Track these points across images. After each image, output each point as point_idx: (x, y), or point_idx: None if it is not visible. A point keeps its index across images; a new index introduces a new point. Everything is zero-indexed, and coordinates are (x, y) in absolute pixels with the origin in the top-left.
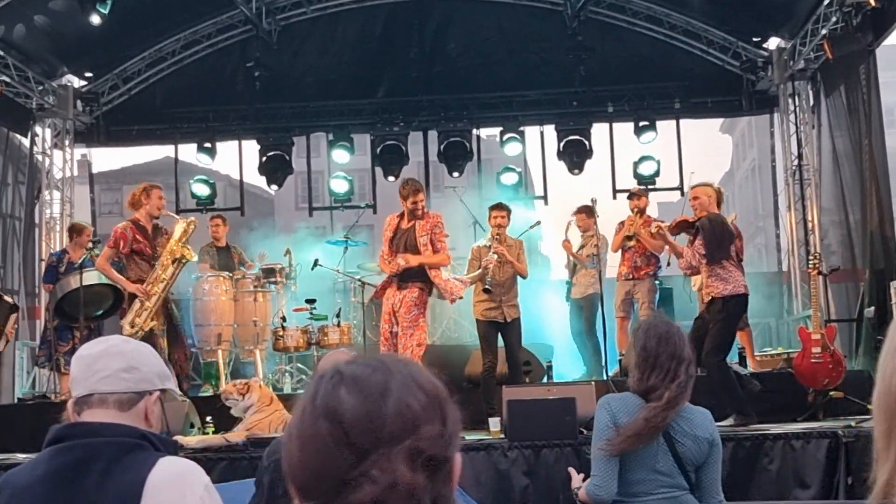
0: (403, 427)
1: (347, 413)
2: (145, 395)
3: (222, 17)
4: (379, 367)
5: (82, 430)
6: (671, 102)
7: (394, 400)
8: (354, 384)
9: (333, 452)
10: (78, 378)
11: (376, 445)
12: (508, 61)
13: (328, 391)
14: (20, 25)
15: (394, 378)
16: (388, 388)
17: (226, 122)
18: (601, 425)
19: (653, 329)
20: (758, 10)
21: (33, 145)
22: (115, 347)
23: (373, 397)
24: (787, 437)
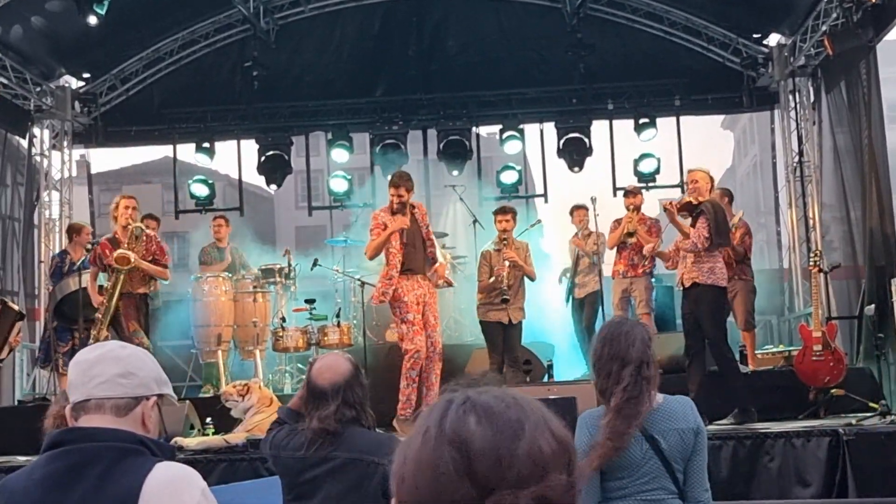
0: (533, 471)
1: (476, 444)
2: (142, 401)
3: (220, 16)
4: (513, 404)
5: (79, 435)
6: (671, 99)
7: (527, 441)
8: (487, 416)
9: (454, 482)
10: (75, 383)
11: (501, 485)
12: (507, 59)
13: (458, 417)
14: (17, 27)
15: (528, 418)
16: (521, 428)
17: (224, 121)
18: (579, 444)
19: (603, 330)
20: (758, 7)
21: (31, 147)
22: (112, 353)
23: (505, 434)
24: (787, 435)
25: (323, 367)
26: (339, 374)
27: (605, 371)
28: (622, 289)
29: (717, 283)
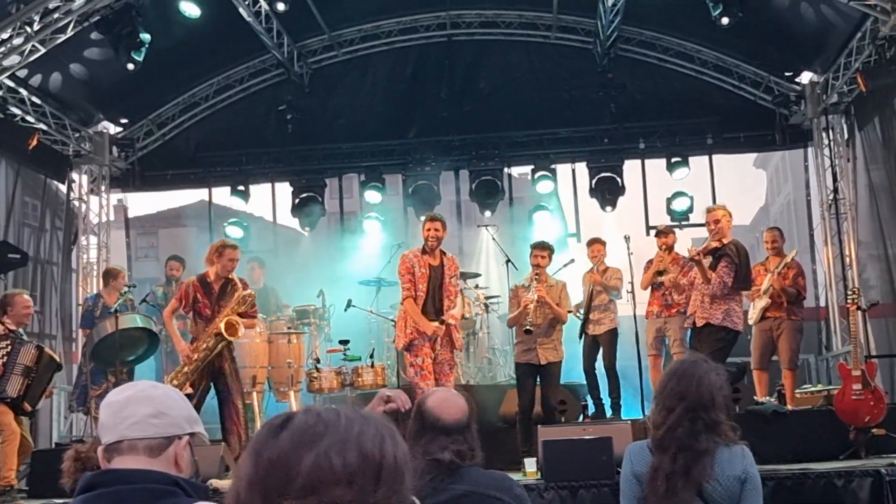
0: (314, 483)
1: (268, 455)
2: (174, 440)
3: (254, 61)
4: (329, 419)
5: (113, 478)
6: (703, 138)
7: (317, 454)
8: (292, 429)
9: (246, 493)
10: (107, 425)
11: (282, 495)
12: (539, 99)
13: (269, 435)
14: (57, 74)
15: (333, 432)
16: (318, 440)
17: (259, 164)
18: (623, 477)
19: (676, 366)
20: (790, 45)
21: (70, 191)
22: (143, 392)
23: (300, 446)
24: (828, 475)
25: (446, 403)
26: (461, 410)
27: (664, 406)
28: (656, 328)
29: (728, 325)
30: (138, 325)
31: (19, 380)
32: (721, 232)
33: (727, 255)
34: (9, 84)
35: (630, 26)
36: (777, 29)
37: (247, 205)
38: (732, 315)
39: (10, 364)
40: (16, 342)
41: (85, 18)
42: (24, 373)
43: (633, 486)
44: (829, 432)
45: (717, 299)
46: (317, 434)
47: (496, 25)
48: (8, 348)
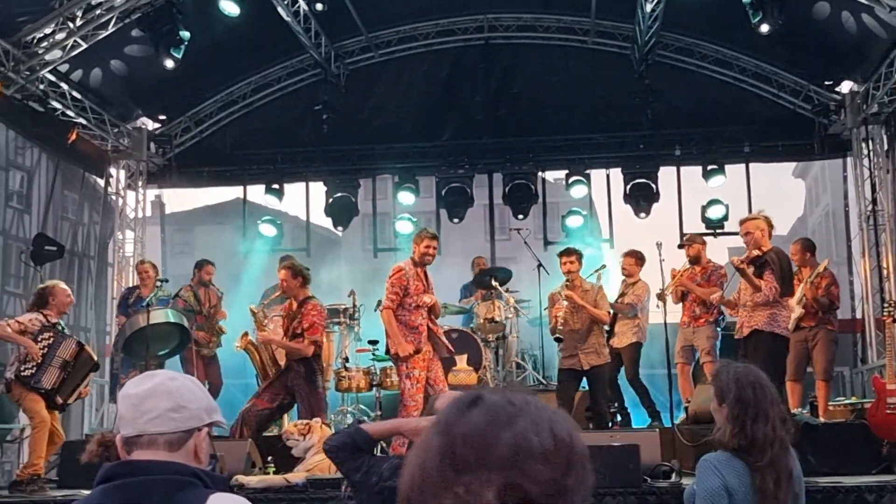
0: (512, 457)
1: (462, 429)
2: (194, 433)
3: (292, 61)
4: (519, 402)
5: (133, 469)
6: (740, 146)
7: (516, 430)
8: (486, 407)
9: (435, 465)
10: (126, 418)
11: (477, 467)
12: (574, 104)
13: (459, 411)
14: (97, 70)
15: (527, 413)
16: (515, 418)
17: (294, 164)
18: (711, 490)
19: (743, 378)
20: (830, 54)
21: (108, 186)
22: (163, 386)
23: (496, 422)
24: (860, 489)
25: None
26: None
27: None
28: (685, 337)
29: (776, 331)
30: (170, 321)
31: (56, 372)
32: (755, 242)
33: (768, 263)
34: (50, 78)
35: (669, 32)
36: (817, 37)
37: (281, 203)
38: (779, 320)
39: (49, 356)
40: (58, 335)
41: (126, 15)
42: (61, 366)
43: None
44: (862, 446)
45: (761, 306)
46: (511, 414)
47: (534, 29)
48: (49, 340)
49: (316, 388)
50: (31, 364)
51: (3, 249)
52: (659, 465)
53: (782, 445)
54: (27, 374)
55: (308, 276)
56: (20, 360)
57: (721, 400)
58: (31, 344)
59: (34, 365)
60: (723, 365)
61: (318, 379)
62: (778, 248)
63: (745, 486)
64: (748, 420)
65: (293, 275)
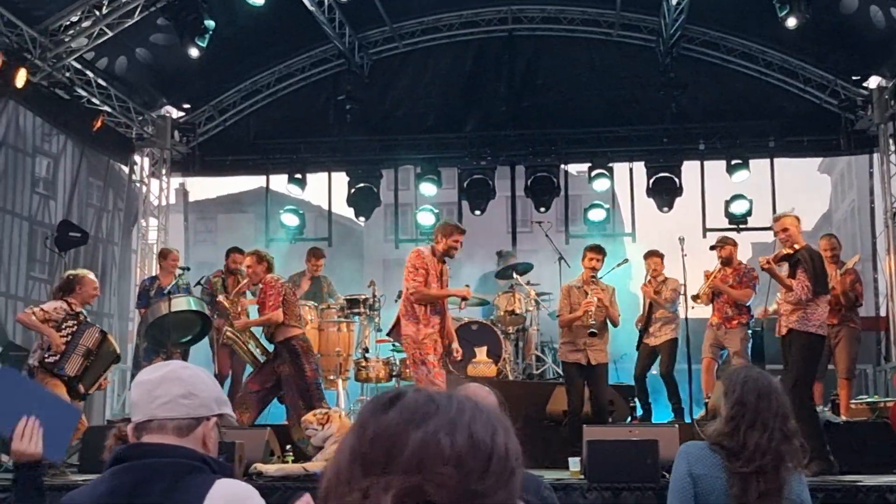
0: (418, 459)
1: (373, 430)
2: (203, 421)
3: (315, 51)
4: (440, 400)
5: (142, 452)
6: (765, 140)
7: (426, 432)
8: (402, 406)
9: (346, 465)
10: (138, 403)
11: (383, 470)
12: (598, 97)
13: (376, 410)
14: (123, 58)
15: (445, 414)
16: (428, 419)
17: (316, 153)
18: (677, 476)
19: (752, 382)
20: (858, 48)
21: (132, 173)
22: (175, 373)
23: (409, 423)
24: (881, 489)
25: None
26: None
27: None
28: (715, 336)
29: (811, 329)
30: (192, 308)
31: (79, 360)
32: (791, 239)
33: (801, 262)
34: (76, 66)
35: (694, 25)
36: (845, 32)
37: (303, 193)
38: (812, 319)
39: (72, 344)
40: (81, 323)
41: (151, 3)
42: (84, 354)
43: (687, 487)
44: (884, 445)
45: (794, 306)
46: (427, 413)
47: (558, 21)
48: (73, 328)
49: (303, 371)
50: (55, 351)
51: (28, 235)
52: None
53: (777, 459)
54: (51, 362)
55: (272, 263)
56: (43, 347)
57: (724, 398)
58: (54, 334)
59: (58, 352)
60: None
61: (304, 362)
62: (810, 247)
63: (713, 475)
64: (743, 425)
65: (258, 260)
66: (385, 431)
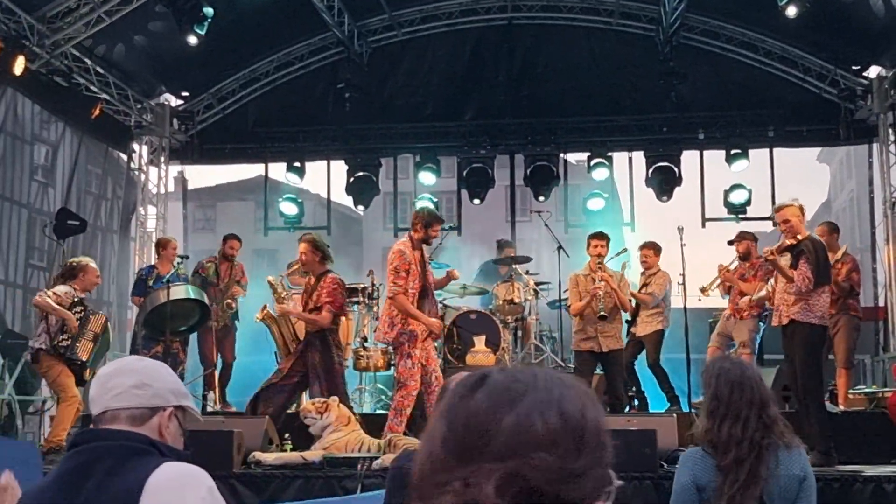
0: (514, 445)
1: (463, 415)
2: (158, 411)
3: (315, 39)
4: (525, 379)
5: (92, 436)
6: (765, 130)
7: (518, 414)
8: (489, 389)
9: (438, 455)
10: (94, 397)
11: (478, 457)
12: (598, 86)
13: (462, 394)
14: (121, 45)
15: (534, 391)
16: (519, 400)
17: (315, 141)
18: (680, 485)
19: (724, 375)
20: (858, 38)
21: (130, 161)
22: (129, 366)
23: (499, 406)
24: (878, 479)
25: None
26: None
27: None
28: (726, 327)
29: (813, 321)
30: (191, 297)
31: (90, 345)
32: (793, 230)
33: (803, 252)
34: (74, 53)
35: (694, 14)
36: (845, 21)
37: (302, 181)
38: (813, 310)
39: (82, 329)
40: (87, 309)
41: None
42: (93, 339)
43: (692, 497)
44: (881, 435)
45: (795, 296)
46: (516, 394)
47: (557, 10)
48: (80, 314)
49: (332, 364)
50: (66, 336)
51: (27, 223)
52: (676, 450)
53: (753, 448)
54: (64, 345)
55: (328, 253)
56: (51, 331)
57: (704, 393)
58: (70, 316)
59: (69, 337)
60: (716, 358)
61: (335, 355)
62: (814, 237)
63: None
64: (718, 418)
65: (313, 248)
66: (476, 416)
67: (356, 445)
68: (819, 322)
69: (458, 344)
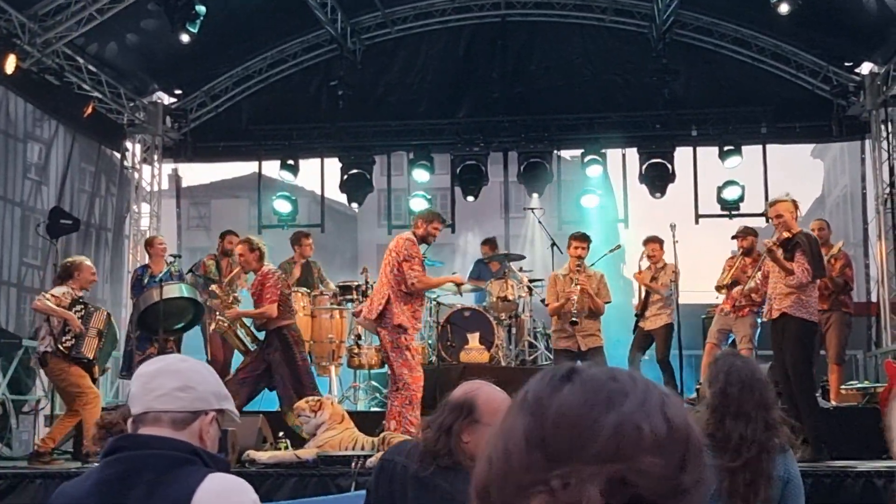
0: (618, 448)
1: (556, 410)
2: (200, 415)
3: (308, 36)
4: (623, 378)
5: (133, 443)
6: (757, 127)
7: (621, 414)
8: (583, 384)
9: (523, 452)
10: (135, 395)
11: (574, 457)
12: (591, 83)
13: (550, 384)
14: (113, 43)
15: (635, 393)
16: (620, 400)
17: (309, 139)
18: None
19: (735, 372)
20: (850, 35)
21: (124, 159)
22: (173, 366)
23: (597, 403)
24: (869, 475)
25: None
26: None
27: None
28: (725, 323)
29: (805, 316)
30: (184, 295)
31: (94, 342)
32: (786, 225)
33: (799, 245)
34: (66, 52)
35: (687, 11)
36: (838, 18)
37: (295, 179)
38: (807, 305)
39: (85, 327)
40: (87, 306)
41: None
42: (97, 335)
43: None
44: (873, 431)
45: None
46: (614, 393)
47: (551, 7)
48: (82, 311)
49: (294, 361)
50: (70, 336)
51: (21, 221)
52: None
53: (762, 449)
54: (69, 346)
55: (264, 251)
56: (54, 333)
57: (708, 387)
58: (71, 316)
59: (73, 336)
60: (726, 354)
61: (296, 352)
62: (807, 231)
63: None
64: (727, 416)
65: (250, 248)
66: (569, 413)
67: (350, 443)
68: (811, 318)
69: (452, 341)
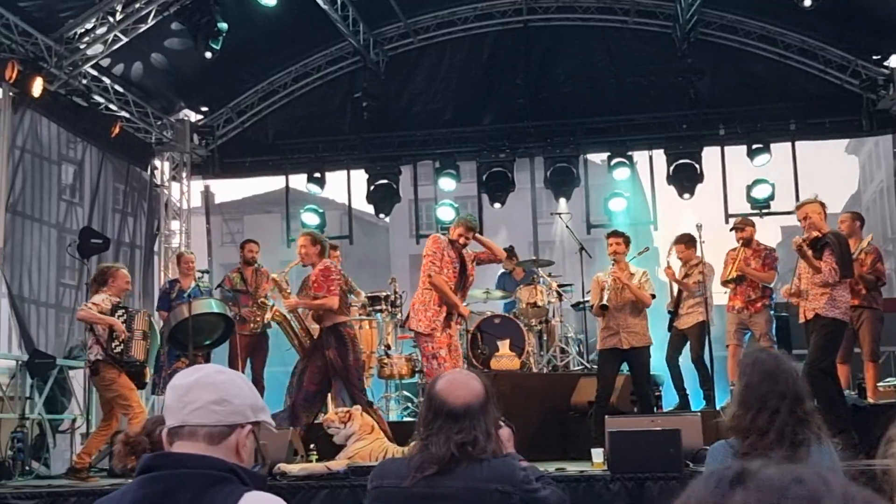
0: None
1: None
2: (237, 429)
3: (331, 49)
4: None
5: (170, 461)
6: (786, 124)
7: None
8: (761, 489)
9: None
10: (171, 408)
11: None
12: (616, 85)
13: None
14: (138, 63)
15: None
16: None
17: (335, 152)
18: None
19: (759, 364)
20: (877, 28)
21: (153, 178)
22: (208, 378)
23: None
24: None
25: (454, 385)
26: (472, 393)
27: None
28: (739, 321)
29: (836, 315)
30: (214, 311)
31: (141, 344)
32: (814, 226)
33: (828, 244)
34: (93, 73)
35: (711, 9)
36: (864, 11)
37: (323, 192)
38: (837, 303)
39: (129, 331)
40: (129, 309)
41: (165, 8)
42: (143, 337)
43: None
44: None
45: (820, 289)
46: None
47: (573, 10)
48: (124, 316)
49: (346, 358)
50: (118, 341)
51: (57, 242)
52: (701, 449)
53: (781, 440)
54: (119, 351)
55: (326, 246)
56: (100, 341)
57: (738, 381)
58: (115, 321)
59: (121, 342)
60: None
61: (349, 348)
62: (837, 231)
63: None
64: (752, 408)
65: (312, 242)
66: None
67: (380, 454)
68: (841, 317)
69: (482, 348)
